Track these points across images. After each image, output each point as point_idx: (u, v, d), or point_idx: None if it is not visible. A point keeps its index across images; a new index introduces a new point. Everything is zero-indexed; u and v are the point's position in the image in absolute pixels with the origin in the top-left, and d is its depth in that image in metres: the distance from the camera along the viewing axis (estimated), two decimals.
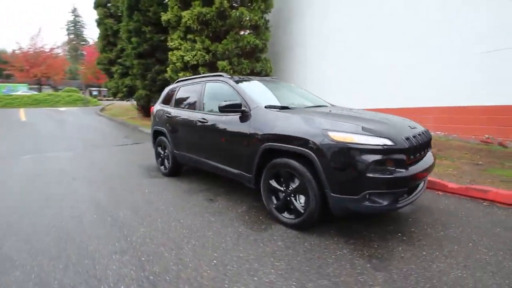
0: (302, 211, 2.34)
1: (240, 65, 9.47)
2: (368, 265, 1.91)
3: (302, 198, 2.37)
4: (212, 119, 3.21)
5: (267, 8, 9.90)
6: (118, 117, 15.93)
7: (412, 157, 2.16)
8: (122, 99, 15.20)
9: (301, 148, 2.23)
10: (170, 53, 9.67)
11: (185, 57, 9.03)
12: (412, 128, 2.43)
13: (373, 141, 2.03)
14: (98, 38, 15.49)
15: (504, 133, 4.83)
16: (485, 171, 3.87)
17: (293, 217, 2.43)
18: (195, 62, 9.06)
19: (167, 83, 12.70)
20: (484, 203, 2.99)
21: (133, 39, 11.57)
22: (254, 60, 10.05)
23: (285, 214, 2.51)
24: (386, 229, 2.43)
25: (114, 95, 15.06)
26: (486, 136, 5.05)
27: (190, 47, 9.14)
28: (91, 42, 49.46)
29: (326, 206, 2.23)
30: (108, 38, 14.48)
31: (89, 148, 7.14)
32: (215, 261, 1.99)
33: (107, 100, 41.18)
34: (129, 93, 14.19)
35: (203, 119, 3.33)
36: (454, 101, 5.51)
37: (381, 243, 2.21)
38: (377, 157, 2.00)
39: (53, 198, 3.40)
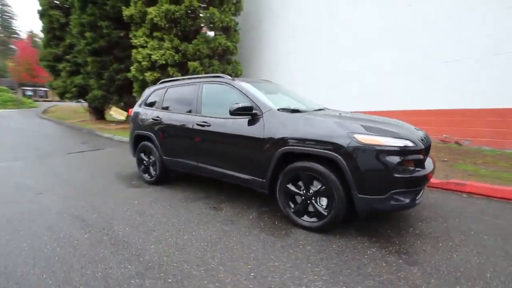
0: (325, 213, 2.35)
1: (211, 66, 9.24)
2: (400, 261, 2.00)
3: (323, 201, 2.38)
4: (216, 122, 3.03)
5: (237, 11, 9.86)
6: (66, 120, 14.19)
7: (426, 157, 2.34)
8: (70, 100, 13.54)
9: (327, 151, 2.24)
10: (134, 51, 8.94)
11: (152, 56, 8.44)
12: (418, 130, 2.63)
13: (397, 142, 2.14)
14: (42, 31, 13.57)
15: (459, 132, 5.58)
16: (453, 166, 4.40)
17: (315, 220, 2.42)
18: (163, 62, 8.55)
19: (128, 83, 11.72)
20: (464, 195, 3.39)
21: (87, 34, 10.42)
22: (225, 62, 9.91)
23: (305, 218, 2.49)
24: (397, 225, 2.58)
25: (61, 95, 13.34)
26: (444, 135, 5.77)
27: (157, 46, 8.59)
28: (23, 35, 43.28)
29: (348, 207, 2.28)
30: (54, 32, 12.78)
31: (43, 156, 6.19)
32: (252, 274, 1.87)
33: (45, 101, 36.27)
34: (80, 94, 12.72)
35: (204, 122, 3.13)
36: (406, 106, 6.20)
37: (400, 238, 2.33)
38: (402, 158, 2.12)
39: (19, 218, 2.84)
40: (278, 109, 2.70)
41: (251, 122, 2.76)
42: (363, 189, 2.15)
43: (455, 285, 1.74)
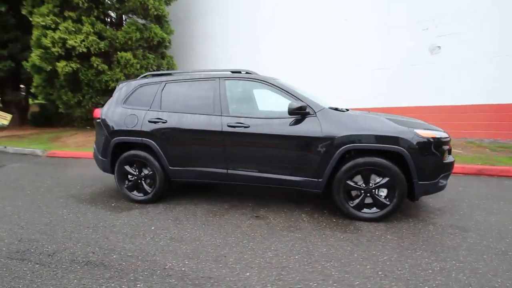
0: (388, 202, 2.56)
1: (145, 59, 8.07)
2: (457, 230, 2.44)
3: (383, 192, 2.59)
4: (257, 123, 2.75)
5: (170, 0, 8.93)
6: None
7: None
8: None
9: (393, 146, 2.44)
10: (36, 32, 6.69)
11: (68, 41, 6.59)
12: None
13: (441, 134, 2.57)
14: None
15: None
16: None
17: (376, 211, 2.60)
18: (84, 50, 6.80)
19: (13, 75, 8.62)
20: None
21: None
22: (159, 56, 8.85)
23: (365, 210, 2.64)
24: (418, 204, 3.07)
25: None
26: None
27: (74, 29, 6.73)
28: None
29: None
30: None
31: None
32: (380, 273, 1.86)
33: None
34: None
35: (239, 123, 2.78)
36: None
37: (434, 214, 2.81)
38: (446, 147, 2.57)
39: None
40: (329, 108, 2.72)
41: (300, 121, 2.67)
42: (423, 176, 2.47)
43: (503, 239, 2.27)
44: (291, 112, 2.55)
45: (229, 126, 2.80)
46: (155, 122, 3.05)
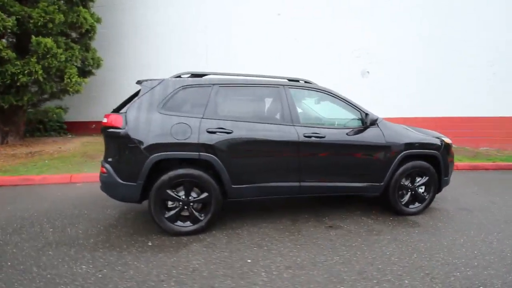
0: (426, 197, 3.16)
1: (69, 50, 6.28)
2: (466, 211, 3.28)
3: (422, 188, 3.16)
4: (332, 133, 2.80)
5: None
6: None
7: None
8: None
9: (433, 151, 3.07)
10: None
11: None
12: None
13: (450, 140, 3.41)
14: None
15: None
16: None
17: (419, 205, 3.15)
18: None
19: None
20: None
21: None
22: (83, 47, 7.06)
23: (411, 206, 3.14)
24: None
25: None
26: None
27: None
28: None
29: None
30: None
31: None
32: (476, 252, 2.32)
33: None
34: None
35: (315, 133, 2.73)
36: None
37: (438, 203, 3.62)
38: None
39: None
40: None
41: (362, 131, 2.92)
42: (446, 173, 3.21)
43: (493, 213, 3.24)
44: (372, 122, 2.79)
45: (305, 136, 2.71)
46: (215, 133, 2.55)
